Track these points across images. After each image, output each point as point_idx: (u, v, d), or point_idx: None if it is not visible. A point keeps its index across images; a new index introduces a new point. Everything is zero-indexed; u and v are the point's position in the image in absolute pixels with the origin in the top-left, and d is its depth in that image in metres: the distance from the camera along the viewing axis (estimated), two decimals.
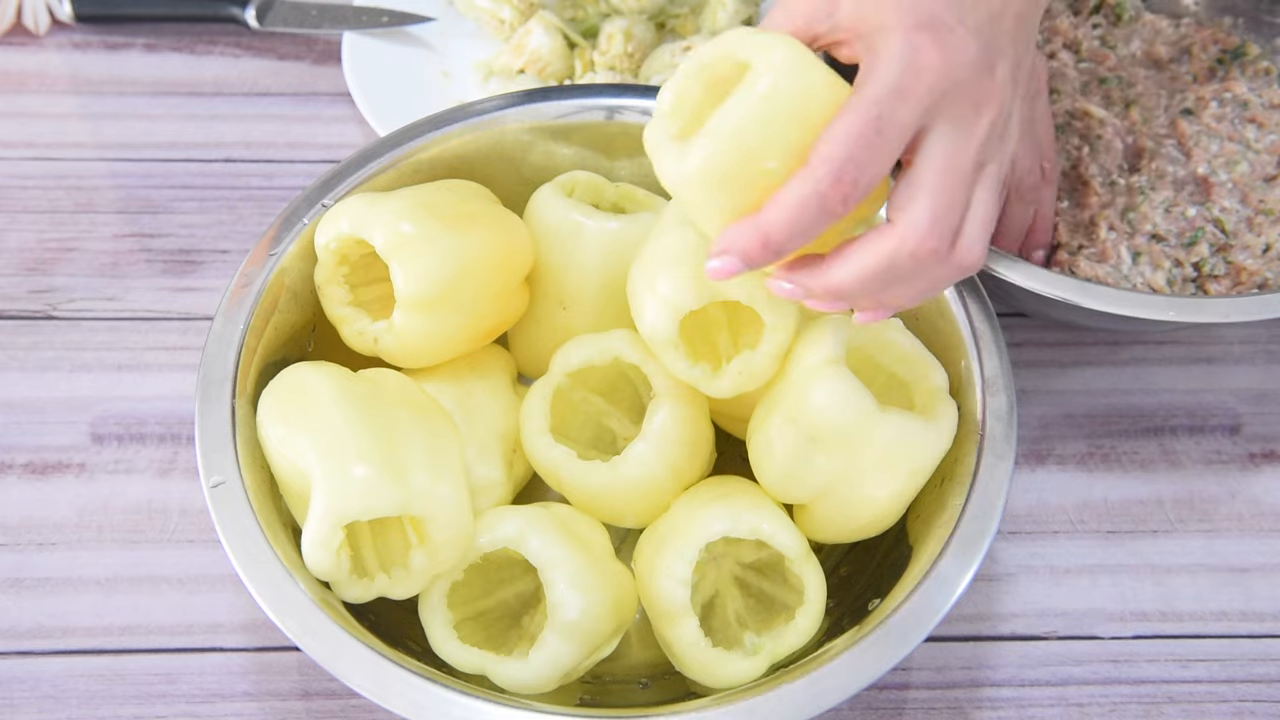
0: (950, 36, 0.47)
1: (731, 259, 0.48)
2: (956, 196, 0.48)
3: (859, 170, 0.45)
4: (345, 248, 0.60)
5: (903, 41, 0.46)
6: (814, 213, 0.46)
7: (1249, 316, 0.66)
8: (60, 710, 0.64)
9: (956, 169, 0.47)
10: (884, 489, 0.56)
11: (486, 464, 0.62)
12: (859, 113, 0.45)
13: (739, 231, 0.48)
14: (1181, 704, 0.65)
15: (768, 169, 0.47)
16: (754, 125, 0.46)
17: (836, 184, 0.45)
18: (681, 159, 0.48)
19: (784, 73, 0.46)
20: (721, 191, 0.48)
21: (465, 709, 0.50)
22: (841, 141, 0.45)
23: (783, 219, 0.46)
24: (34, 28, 0.93)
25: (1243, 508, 0.73)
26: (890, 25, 0.47)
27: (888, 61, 0.46)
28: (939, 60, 0.46)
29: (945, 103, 0.47)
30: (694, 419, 0.60)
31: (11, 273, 0.80)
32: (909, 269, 0.48)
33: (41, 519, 0.70)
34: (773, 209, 0.46)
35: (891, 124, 0.46)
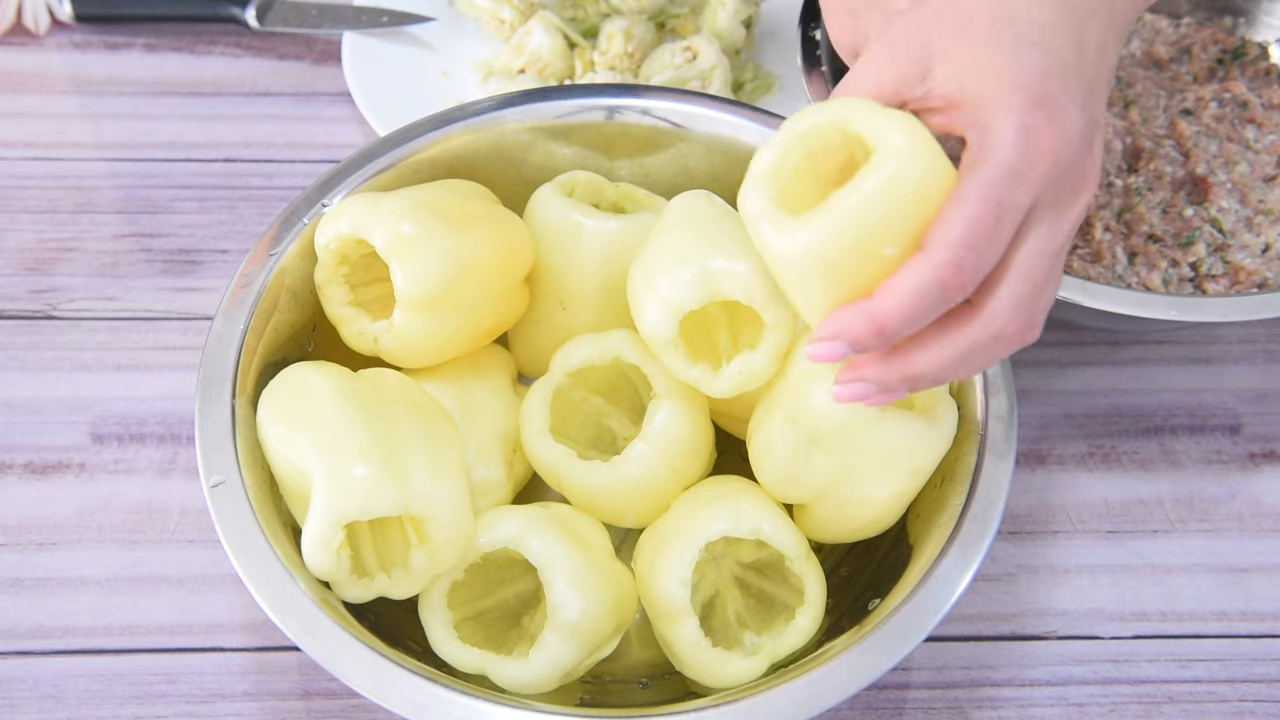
0: (1062, 115, 0.45)
1: (839, 345, 0.46)
2: (1044, 281, 0.46)
3: (979, 258, 0.44)
4: (345, 248, 0.60)
5: (1018, 122, 0.44)
6: (933, 300, 0.44)
7: (1249, 316, 0.66)
8: (60, 710, 0.64)
9: (1048, 252, 0.46)
10: (884, 489, 0.56)
11: (486, 464, 0.62)
12: (979, 198, 0.44)
13: (850, 316, 0.45)
14: (1181, 704, 0.65)
15: (884, 255, 0.45)
16: (876, 210, 0.44)
17: (958, 271, 0.43)
18: (791, 235, 0.46)
19: (909, 158, 0.44)
20: (830, 274, 0.46)
21: (465, 709, 0.50)
22: (963, 228, 0.43)
23: (900, 306, 0.44)
24: (34, 28, 0.93)
25: (1243, 508, 0.73)
26: (1002, 102, 0.44)
27: (1004, 144, 0.44)
28: (1054, 142, 0.44)
29: (1052, 185, 0.45)
30: (694, 419, 0.60)
31: (11, 273, 0.80)
32: (989, 352, 0.47)
33: (41, 519, 0.70)
34: (889, 295, 0.44)
35: (1009, 210, 0.44)
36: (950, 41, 0.46)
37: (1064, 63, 0.46)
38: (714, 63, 0.85)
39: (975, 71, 0.45)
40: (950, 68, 0.46)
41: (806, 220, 0.45)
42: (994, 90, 0.45)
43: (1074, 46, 0.46)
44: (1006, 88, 0.45)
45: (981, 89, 0.45)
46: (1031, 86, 0.44)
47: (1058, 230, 0.46)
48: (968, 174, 0.44)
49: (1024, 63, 0.45)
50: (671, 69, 0.85)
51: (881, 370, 0.47)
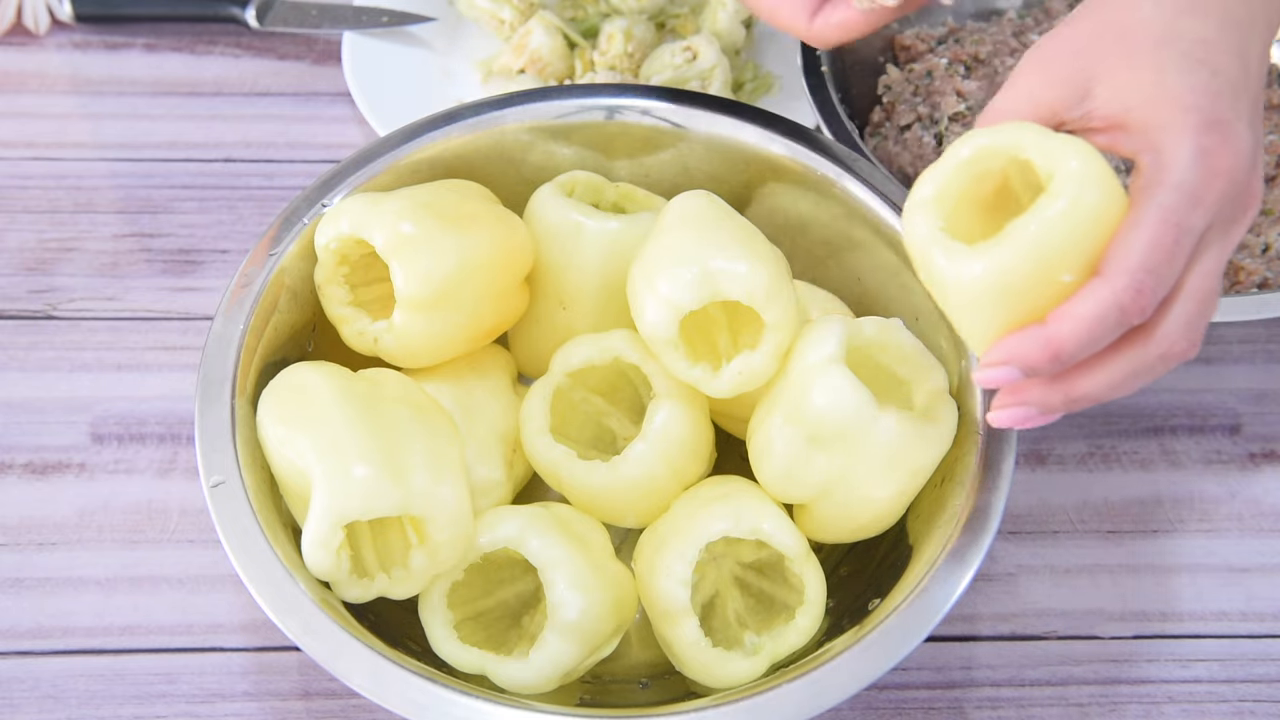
0: (1235, 136, 0.44)
1: (1011, 370, 0.45)
2: (1211, 300, 0.46)
3: (1157, 282, 0.43)
4: (345, 248, 0.60)
5: (1194, 144, 0.43)
6: (1112, 326, 0.44)
7: (1249, 316, 0.66)
8: (60, 710, 0.64)
9: (1216, 272, 0.46)
10: (884, 489, 0.56)
11: (486, 464, 0.62)
12: (1158, 222, 0.43)
13: (1024, 342, 0.45)
14: (1181, 704, 0.65)
15: (1061, 282, 0.45)
16: (1055, 237, 0.44)
17: (1138, 296, 0.43)
18: (966, 262, 0.46)
19: (1088, 185, 0.44)
20: (1005, 300, 0.46)
21: (465, 709, 0.50)
22: (1142, 253, 0.43)
23: (1078, 332, 0.44)
24: (34, 28, 0.93)
25: (1243, 508, 0.73)
26: (1175, 124, 0.44)
27: (1181, 166, 0.43)
28: (1229, 163, 0.44)
29: (1227, 205, 0.45)
30: (694, 419, 0.60)
31: (11, 273, 0.80)
32: (1154, 372, 0.47)
33: (41, 519, 0.70)
34: (1066, 321, 0.44)
35: (1188, 233, 0.43)
36: (1113, 61, 0.46)
37: (1232, 81, 0.45)
38: (714, 63, 0.85)
39: (1143, 93, 0.45)
40: (1112, 89, 0.45)
41: (983, 248, 0.45)
42: (1165, 112, 0.44)
43: (1240, 64, 0.45)
44: (1178, 110, 0.44)
45: (1151, 111, 0.44)
46: (1204, 108, 0.44)
47: (1225, 249, 0.46)
48: (1145, 197, 0.44)
49: (1193, 82, 0.44)
50: (671, 69, 0.85)
51: (1046, 394, 0.47)
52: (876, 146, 0.81)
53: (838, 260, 0.68)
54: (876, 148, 0.81)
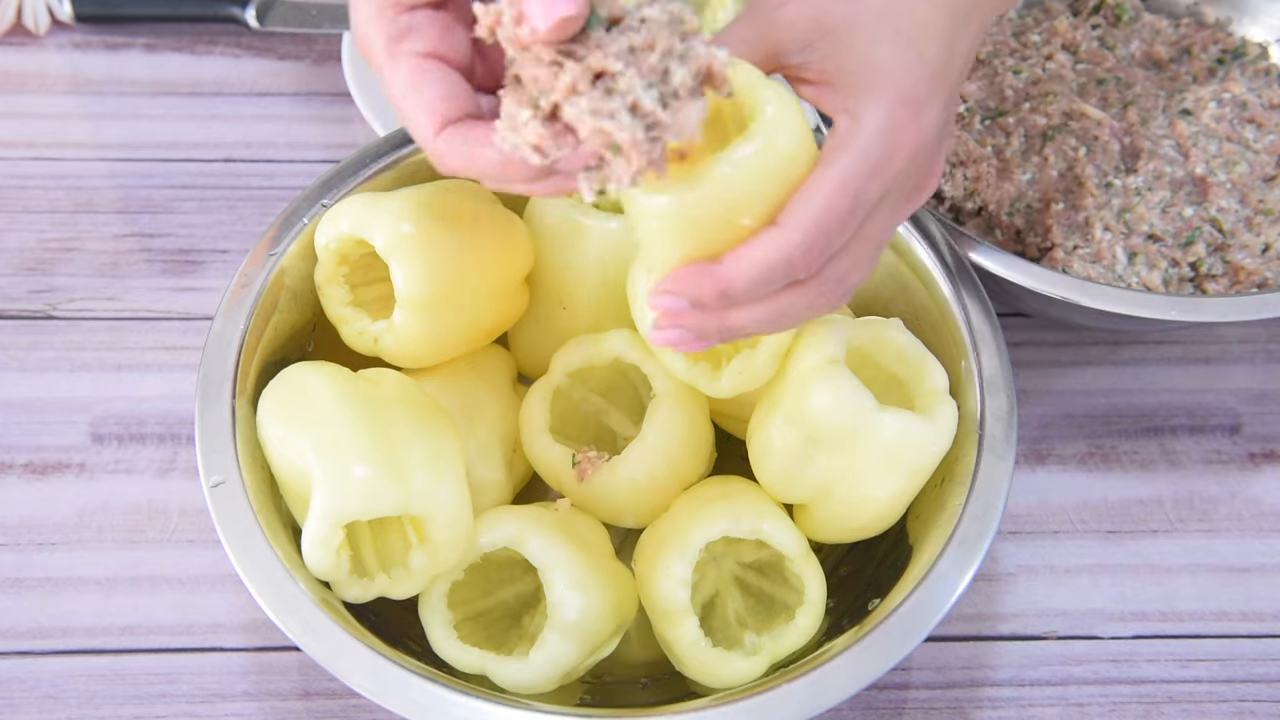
0: (925, 115, 0.46)
1: (680, 301, 0.47)
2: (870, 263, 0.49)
3: (829, 242, 0.46)
4: (345, 248, 0.60)
5: (887, 115, 0.46)
6: (780, 276, 0.46)
7: (1249, 316, 0.66)
8: (60, 710, 0.64)
9: (879, 237, 0.48)
10: (884, 489, 0.56)
11: (486, 464, 0.62)
12: (839, 185, 0.45)
13: (697, 277, 0.46)
14: (1181, 704, 0.65)
15: (742, 224, 0.46)
16: (741, 183, 0.45)
17: (807, 253, 0.45)
18: (655, 194, 0.46)
19: (780, 133, 0.45)
20: (688, 235, 0.46)
21: (465, 709, 0.50)
22: (819, 212, 0.45)
23: (748, 276, 0.46)
24: (34, 28, 0.93)
25: (1243, 508, 0.73)
26: (873, 93, 0.46)
27: (870, 134, 0.45)
28: (915, 140, 0.46)
29: (904, 179, 0.47)
30: (694, 419, 0.60)
31: (11, 273, 0.80)
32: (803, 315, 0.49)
33: (41, 519, 0.70)
34: (740, 264, 0.46)
35: (864, 201, 0.46)
36: (837, 21, 0.47)
37: (935, 67, 0.47)
38: None
39: (854, 58, 0.47)
40: (830, 45, 0.47)
41: (673, 181, 0.45)
42: (867, 80, 0.46)
43: (946, 53, 0.48)
44: (880, 81, 0.46)
45: (855, 76, 0.46)
46: (903, 84, 0.46)
47: (896, 218, 0.49)
48: (832, 158, 0.45)
49: (901, 59, 0.46)
50: None
51: (702, 321, 0.48)
52: None
53: None
54: None
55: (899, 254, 0.64)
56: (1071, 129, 0.76)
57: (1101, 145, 0.76)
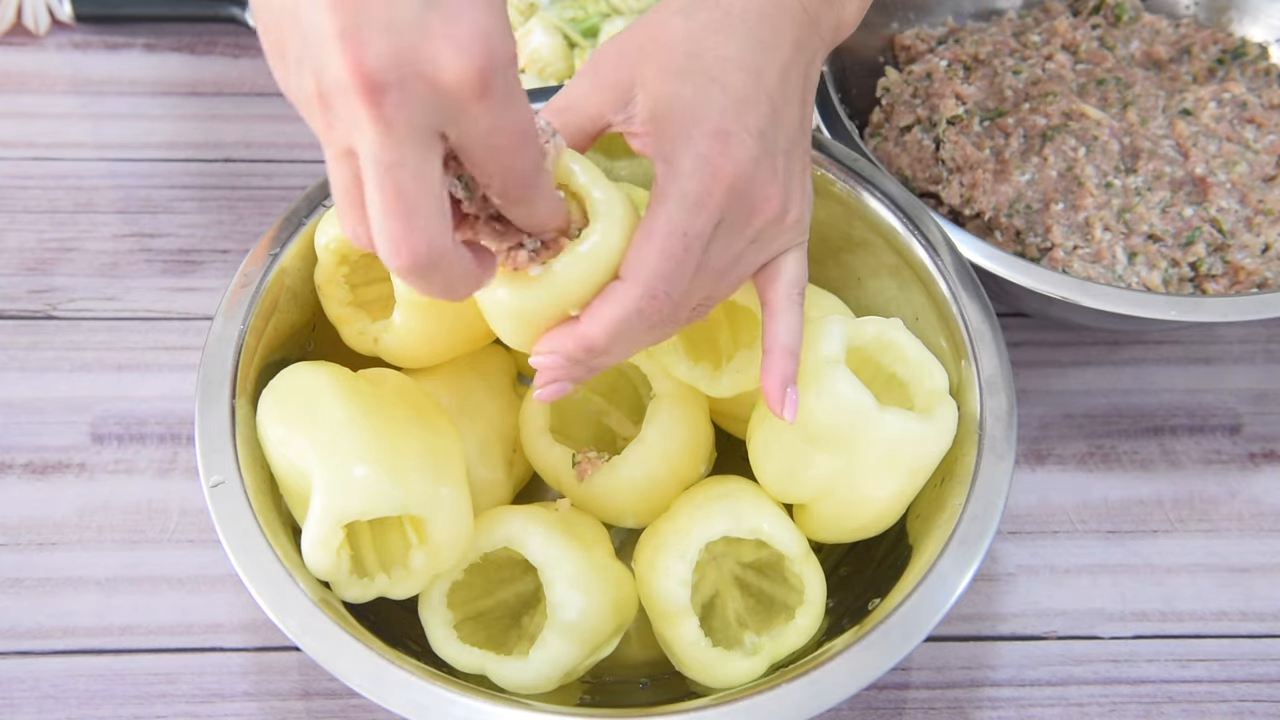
0: (736, 145, 0.48)
1: (557, 358, 0.49)
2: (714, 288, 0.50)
3: (671, 286, 0.47)
4: (345, 247, 0.60)
5: (695, 153, 0.47)
6: (636, 324, 0.48)
7: (1249, 316, 0.66)
8: (60, 710, 0.64)
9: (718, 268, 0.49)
10: (884, 489, 0.56)
11: (486, 464, 0.62)
12: (666, 232, 0.47)
13: (563, 338, 0.49)
14: (1181, 704, 0.65)
15: (570, 315, 0.49)
16: (573, 284, 0.47)
17: (653, 301, 0.47)
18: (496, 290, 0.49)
19: (612, 241, 0.47)
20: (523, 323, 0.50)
21: (465, 709, 0.50)
22: (655, 262, 0.47)
23: (605, 331, 0.48)
24: (34, 28, 0.93)
25: (1243, 508, 0.73)
26: (683, 134, 0.48)
27: (685, 174, 0.47)
28: (731, 170, 0.47)
29: (731, 208, 0.48)
30: (694, 420, 0.60)
31: (11, 273, 0.80)
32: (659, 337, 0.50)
33: (41, 519, 0.70)
34: (595, 322, 0.48)
35: (695, 238, 0.47)
36: (651, 71, 0.49)
37: (741, 96, 0.48)
38: None
39: (666, 103, 0.48)
40: (647, 96, 0.49)
41: (509, 282, 0.48)
42: (678, 124, 0.48)
43: (753, 80, 0.49)
44: (688, 122, 0.48)
45: (668, 122, 0.48)
46: (709, 120, 0.48)
47: (730, 247, 0.49)
48: (656, 206, 0.47)
49: (704, 96, 0.48)
50: None
51: (574, 370, 0.50)
52: (876, 147, 0.81)
53: (838, 260, 0.68)
54: (876, 148, 0.81)
55: (898, 254, 0.64)
56: (1071, 129, 0.76)
57: (1101, 145, 0.76)
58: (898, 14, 0.88)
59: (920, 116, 0.80)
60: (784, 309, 0.53)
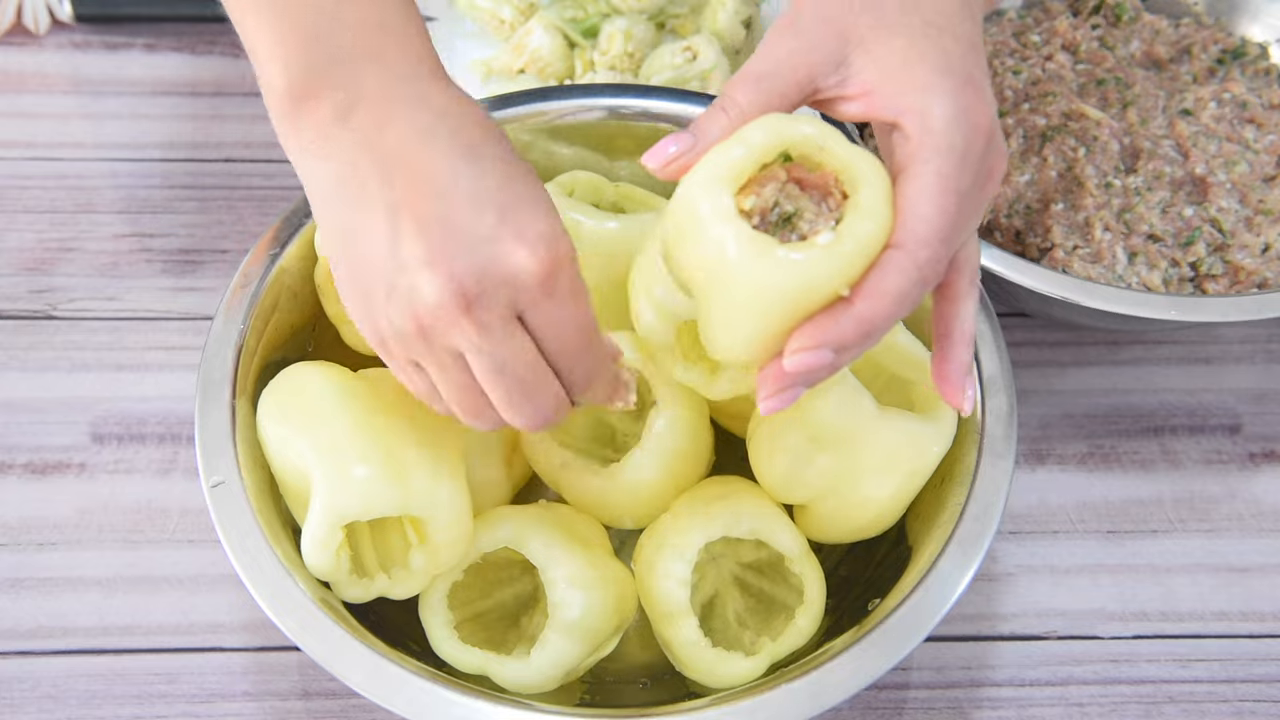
0: (985, 92, 0.45)
1: (824, 353, 0.44)
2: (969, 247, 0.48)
3: (950, 248, 0.44)
4: None
5: (955, 103, 0.44)
6: (917, 295, 0.44)
7: (1249, 316, 0.66)
8: (60, 710, 0.64)
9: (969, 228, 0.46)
10: (884, 489, 0.56)
11: (486, 464, 0.62)
12: (940, 190, 0.43)
13: (838, 324, 0.43)
14: (1181, 704, 0.65)
15: (840, 294, 0.44)
16: (858, 254, 0.43)
17: (936, 265, 0.43)
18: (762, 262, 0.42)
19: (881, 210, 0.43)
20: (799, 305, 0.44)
21: (465, 709, 0.50)
22: (934, 222, 0.43)
23: (886, 308, 0.43)
24: (34, 28, 0.93)
25: (1243, 508, 0.73)
26: (934, 86, 0.44)
27: (947, 126, 0.44)
28: (987, 119, 0.45)
29: (983, 160, 0.45)
30: (694, 425, 0.60)
31: (11, 273, 0.80)
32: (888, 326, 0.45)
33: (41, 519, 0.70)
34: (875, 300, 0.43)
35: (965, 195, 0.44)
36: (864, 29, 0.46)
37: (973, 43, 0.46)
38: (714, 63, 0.85)
39: (897, 58, 0.45)
40: (867, 56, 0.46)
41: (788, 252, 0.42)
42: (923, 75, 0.45)
43: (974, 26, 0.47)
44: (935, 73, 0.45)
45: (909, 75, 0.45)
46: (956, 69, 0.45)
47: (979, 209, 0.46)
48: (920, 163, 0.44)
49: (943, 46, 0.45)
50: (671, 69, 0.85)
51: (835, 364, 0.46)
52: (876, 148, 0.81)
53: None
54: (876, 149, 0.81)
55: None
56: (1071, 129, 0.76)
57: (1101, 145, 0.76)
58: None
59: None
60: (965, 294, 0.48)
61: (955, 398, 0.49)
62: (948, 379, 0.49)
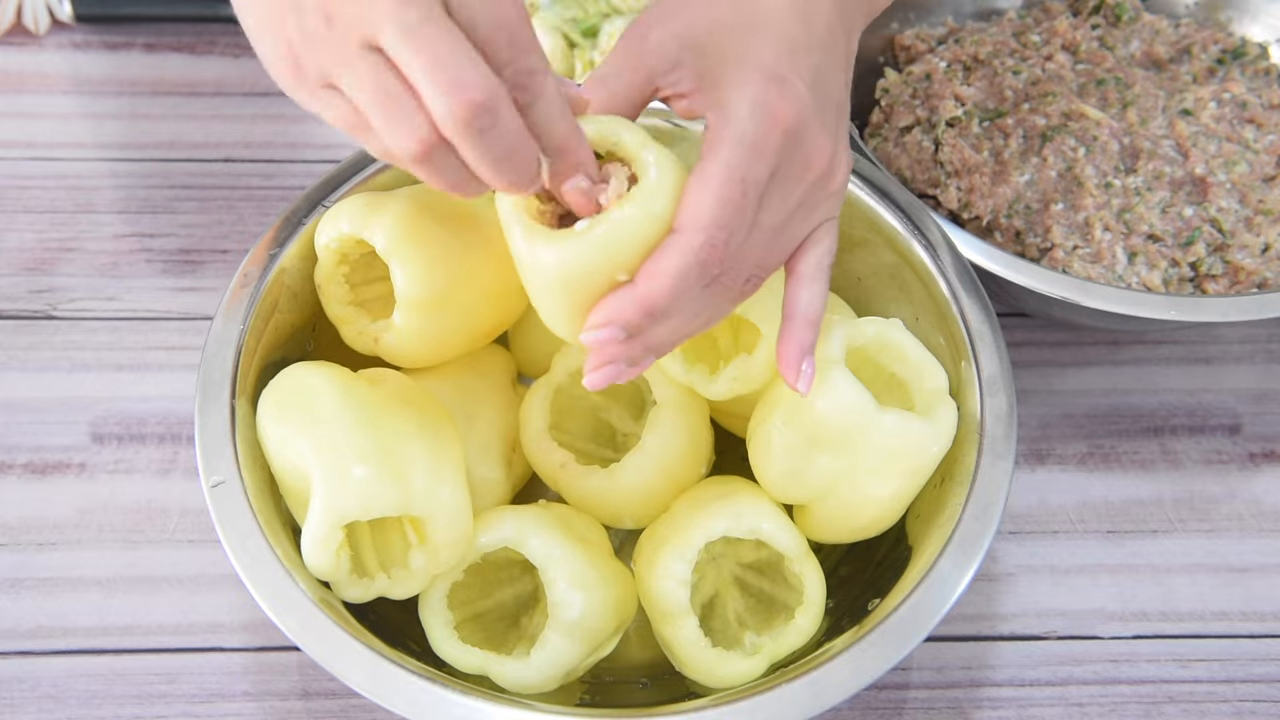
0: (792, 90, 0.46)
1: (613, 330, 0.46)
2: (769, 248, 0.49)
3: (730, 234, 0.46)
4: (345, 247, 0.60)
5: (753, 96, 0.46)
6: (695, 279, 0.46)
7: (1249, 316, 0.66)
8: (60, 710, 0.64)
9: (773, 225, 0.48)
10: (884, 489, 0.56)
11: (486, 464, 0.62)
12: (724, 178, 0.45)
13: (620, 304, 0.46)
14: (1181, 704, 0.65)
15: (618, 280, 0.47)
16: (625, 240, 0.46)
17: (713, 250, 0.45)
18: (539, 249, 0.47)
19: (658, 197, 0.46)
20: (570, 288, 0.47)
21: (465, 709, 0.50)
22: (713, 209, 0.45)
23: (666, 288, 0.46)
24: (34, 28, 0.93)
25: (1243, 508, 0.73)
26: (737, 81, 0.46)
27: (742, 118, 0.46)
28: (788, 115, 0.46)
29: (787, 157, 0.47)
30: (693, 426, 0.60)
31: (11, 273, 0.80)
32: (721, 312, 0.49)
33: (41, 519, 0.70)
34: (654, 278, 0.46)
35: (753, 184, 0.46)
36: (700, 31, 0.48)
37: (793, 43, 0.48)
38: None
39: (716, 53, 0.47)
40: (696, 55, 0.48)
41: (558, 238, 0.46)
42: (730, 72, 0.47)
43: (803, 28, 0.48)
44: (741, 68, 0.47)
45: (720, 71, 0.47)
46: (765, 65, 0.46)
47: (783, 204, 0.48)
48: (710, 154, 0.46)
49: (756, 42, 0.47)
50: None
51: (629, 347, 0.48)
52: (876, 148, 0.81)
53: (837, 260, 0.68)
54: (876, 149, 0.81)
55: (898, 254, 0.64)
56: (1071, 129, 0.76)
57: (1101, 145, 0.76)
58: (897, 14, 0.88)
59: (920, 117, 0.80)
60: (811, 277, 0.51)
61: (790, 376, 0.51)
62: (783, 357, 0.51)
